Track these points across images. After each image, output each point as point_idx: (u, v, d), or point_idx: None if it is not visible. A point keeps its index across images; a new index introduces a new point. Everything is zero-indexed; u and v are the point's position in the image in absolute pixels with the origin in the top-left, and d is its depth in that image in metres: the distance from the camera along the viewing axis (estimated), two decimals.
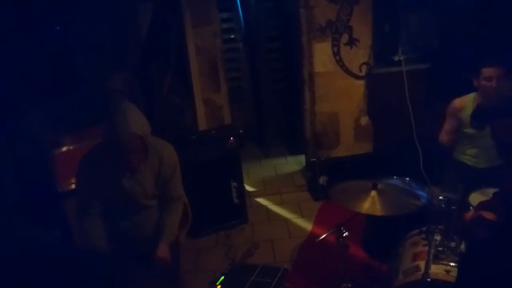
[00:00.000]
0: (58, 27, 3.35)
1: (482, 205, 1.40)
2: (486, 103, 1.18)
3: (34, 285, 0.88)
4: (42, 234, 2.67)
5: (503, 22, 3.36)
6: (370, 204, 2.28)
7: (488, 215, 1.32)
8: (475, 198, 2.51)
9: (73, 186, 2.85)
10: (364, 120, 4.14)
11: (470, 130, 2.91)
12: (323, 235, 3.41)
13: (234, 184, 3.66)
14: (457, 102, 2.96)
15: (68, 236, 2.71)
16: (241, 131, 3.64)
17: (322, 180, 4.05)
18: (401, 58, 3.95)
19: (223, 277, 1.80)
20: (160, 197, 2.16)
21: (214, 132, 3.64)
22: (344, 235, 2.27)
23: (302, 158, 4.84)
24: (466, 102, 2.91)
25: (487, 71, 2.72)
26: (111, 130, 1.88)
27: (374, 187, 2.36)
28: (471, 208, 2.24)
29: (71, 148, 2.86)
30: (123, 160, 1.93)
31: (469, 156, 2.96)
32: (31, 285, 0.88)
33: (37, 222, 2.67)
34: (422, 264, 2.11)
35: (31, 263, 0.90)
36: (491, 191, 2.51)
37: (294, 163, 4.95)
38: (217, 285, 1.87)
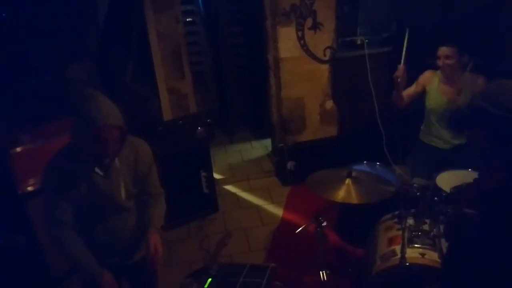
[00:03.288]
0: (4, 14, 3.06)
1: (463, 199, 1.44)
2: (462, 109, 1.21)
3: None
4: (4, 240, 2.51)
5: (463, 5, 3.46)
6: (346, 192, 2.33)
7: (470, 211, 1.36)
8: (442, 179, 2.63)
9: (32, 187, 2.69)
10: (329, 104, 4.18)
11: (430, 104, 3.01)
12: (295, 221, 3.51)
13: (203, 174, 3.61)
14: (428, 73, 3.08)
15: (34, 241, 2.55)
16: (208, 120, 3.55)
17: (290, 165, 4.08)
18: (359, 42, 3.99)
19: (210, 279, 1.76)
20: (138, 196, 2.03)
21: (181, 122, 3.54)
22: (322, 224, 2.31)
23: (267, 143, 4.84)
24: (434, 76, 3.03)
25: (442, 50, 2.84)
26: (84, 124, 1.71)
27: (349, 175, 2.40)
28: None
29: (30, 146, 2.67)
30: (99, 151, 1.76)
31: (434, 137, 3.08)
32: None
33: None
34: (397, 248, 2.19)
35: None
36: (457, 172, 2.65)
37: (260, 148, 4.95)
38: None
